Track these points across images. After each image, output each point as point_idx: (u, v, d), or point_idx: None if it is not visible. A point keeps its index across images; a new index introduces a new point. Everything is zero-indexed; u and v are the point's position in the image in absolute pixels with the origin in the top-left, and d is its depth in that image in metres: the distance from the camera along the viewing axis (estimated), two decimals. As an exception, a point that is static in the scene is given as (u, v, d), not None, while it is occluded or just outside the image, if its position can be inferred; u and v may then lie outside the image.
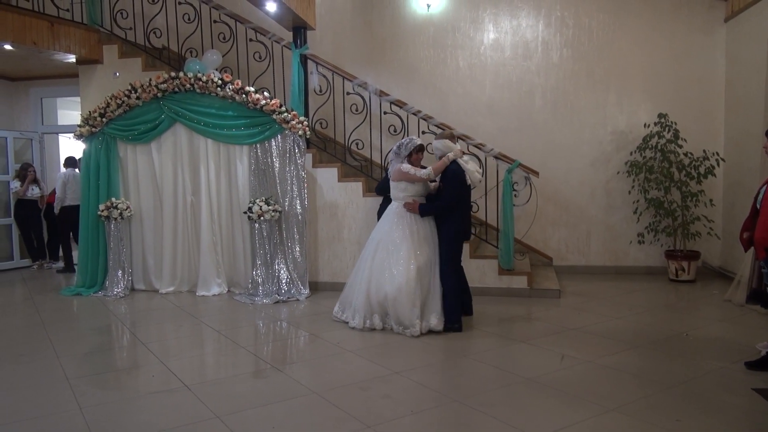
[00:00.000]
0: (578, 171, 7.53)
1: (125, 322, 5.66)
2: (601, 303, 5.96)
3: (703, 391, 3.60)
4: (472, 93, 7.76)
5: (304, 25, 6.79)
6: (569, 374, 3.92)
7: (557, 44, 7.53)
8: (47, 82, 8.82)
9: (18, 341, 4.96)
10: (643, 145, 7.03)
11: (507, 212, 6.20)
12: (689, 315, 5.67)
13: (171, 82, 6.42)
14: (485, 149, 6.43)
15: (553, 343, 4.59)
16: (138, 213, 6.77)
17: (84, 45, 7.32)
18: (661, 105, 7.18)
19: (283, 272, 6.36)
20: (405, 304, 4.77)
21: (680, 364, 4.13)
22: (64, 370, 4.12)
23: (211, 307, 6.04)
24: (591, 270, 7.50)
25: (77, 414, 3.38)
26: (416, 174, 4.91)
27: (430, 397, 3.61)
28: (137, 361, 4.44)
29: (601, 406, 3.36)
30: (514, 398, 3.56)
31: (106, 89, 7.07)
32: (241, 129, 6.40)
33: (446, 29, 7.79)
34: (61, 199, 7.98)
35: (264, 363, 4.34)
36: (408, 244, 4.87)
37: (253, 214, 6.19)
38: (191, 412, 3.38)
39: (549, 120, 7.58)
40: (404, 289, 4.76)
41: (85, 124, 6.69)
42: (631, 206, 7.22)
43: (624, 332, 4.89)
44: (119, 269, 6.67)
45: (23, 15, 6.73)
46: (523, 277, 6.22)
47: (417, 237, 4.92)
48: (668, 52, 7.28)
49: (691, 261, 6.82)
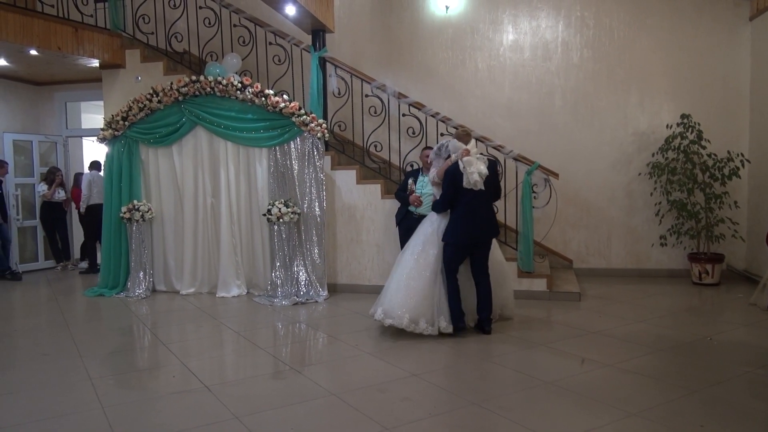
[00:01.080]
0: (599, 172, 7.44)
1: (146, 322, 5.73)
2: (622, 306, 5.88)
3: (728, 396, 3.53)
4: (491, 95, 7.72)
5: (323, 29, 6.82)
6: (590, 378, 3.87)
7: (577, 45, 7.46)
8: (71, 86, 8.98)
9: (42, 341, 5.05)
10: (665, 146, 6.93)
11: (526, 214, 6.15)
12: (713, 319, 5.57)
13: (192, 85, 6.49)
14: (504, 151, 6.39)
15: (574, 347, 4.54)
16: (159, 215, 6.86)
17: (107, 50, 7.44)
18: (684, 105, 7.07)
19: (301, 274, 6.39)
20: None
21: (704, 368, 4.05)
22: (87, 370, 4.18)
23: (231, 309, 6.09)
24: (612, 273, 7.40)
25: (99, 413, 3.43)
26: (429, 175, 5.21)
27: (449, 400, 3.59)
28: (158, 362, 4.49)
29: (623, 411, 3.31)
30: (534, 402, 3.52)
31: (128, 93, 7.19)
32: (260, 132, 6.45)
33: (465, 31, 7.77)
34: (87, 197, 8.21)
35: (283, 364, 4.36)
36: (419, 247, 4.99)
37: (272, 216, 6.23)
38: (211, 413, 3.41)
39: (569, 121, 7.51)
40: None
41: (108, 128, 6.79)
42: (653, 208, 7.12)
43: (646, 336, 4.82)
44: (141, 270, 6.76)
45: (48, 21, 6.86)
46: (543, 280, 6.16)
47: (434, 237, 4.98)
48: (691, 51, 7.17)
49: (715, 264, 6.70)
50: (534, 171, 6.20)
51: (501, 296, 5.21)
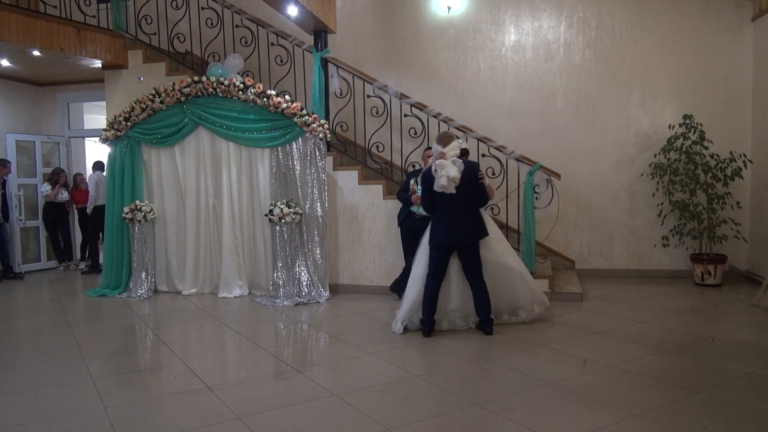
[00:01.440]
0: (601, 173, 7.43)
1: (148, 323, 5.74)
2: (624, 307, 5.87)
3: (731, 397, 3.52)
4: (493, 95, 7.72)
5: (325, 29, 6.82)
6: (592, 379, 3.87)
7: (579, 45, 7.45)
8: (74, 87, 8.99)
9: (45, 341, 5.06)
10: (667, 147, 6.92)
11: (528, 215, 6.15)
12: (715, 319, 5.56)
13: (194, 86, 6.50)
14: (506, 152, 6.38)
15: (576, 348, 4.53)
16: (161, 215, 6.87)
17: (109, 50, 7.45)
18: (686, 106, 7.06)
19: (303, 275, 6.39)
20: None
21: (706, 369, 4.04)
22: (89, 370, 4.19)
23: (233, 309, 6.09)
24: (614, 273, 7.39)
25: (101, 413, 3.43)
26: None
27: (451, 401, 3.58)
28: (160, 362, 4.50)
29: (625, 412, 3.30)
30: (536, 403, 3.52)
31: (130, 94, 7.19)
32: (262, 132, 6.45)
33: (467, 31, 7.76)
34: (94, 198, 8.30)
35: (284, 365, 4.36)
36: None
37: (274, 217, 6.23)
38: (213, 413, 3.41)
39: (571, 122, 7.50)
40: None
41: (111, 128, 6.80)
42: (655, 209, 7.10)
43: (648, 337, 4.82)
44: (143, 271, 6.77)
45: (51, 21, 6.87)
46: (545, 281, 6.14)
47: None
48: (694, 51, 7.16)
49: (718, 265, 6.69)
50: (536, 172, 6.19)
51: (514, 297, 5.13)
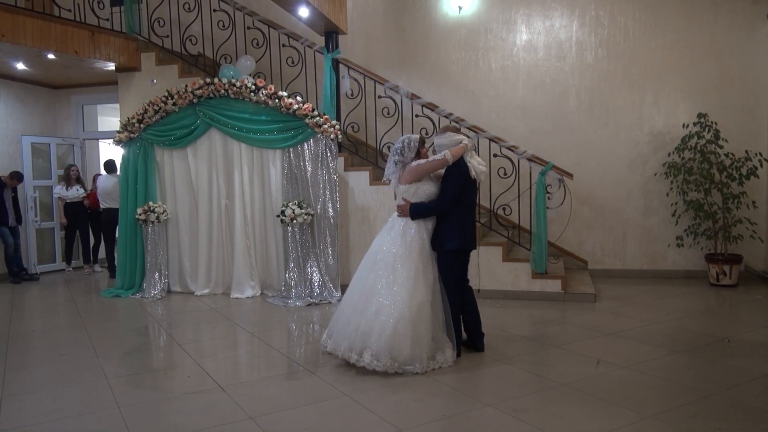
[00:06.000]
0: (614, 173, 7.38)
1: (162, 323, 5.78)
2: (638, 307, 5.82)
3: (747, 399, 3.48)
4: (505, 95, 7.69)
5: (336, 30, 6.84)
6: (605, 380, 3.84)
7: (592, 44, 7.41)
8: (88, 89, 9.09)
9: (60, 341, 5.11)
10: (681, 146, 6.85)
11: (540, 215, 6.11)
12: (731, 320, 5.50)
13: (206, 88, 6.54)
14: (518, 152, 6.35)
15: (589, 348, 4.50)
16: (174, 216, 6.91)
17: (123, 53, 7.53)
18: (700, 104, 6.99)
19: (315, 275, 6.41)
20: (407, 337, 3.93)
21: (722, 371, 4.00)
22: (104, 370, 4.23)
23: (245, 310, 6.12)
24: (627, 274, 7.33)
25: (116, 412, 3.47)
26: (434, 159, 4.16)
27: (463, 401, 3.58)
28: (173, 362, 4.54)
29: (638, 413, 3.28)
30: (548, 404, 3.50)
31: (143, 96, 7.26)
32: (274, 133, 6.48)
33: (478, 31, 7.75)
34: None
35: (297, 365, 4.37)
36: (413, 261, 4.10)
37: (285, 218, 6.26)
38: (225, 413, 3.43)
39: (583, 121, 7.46)
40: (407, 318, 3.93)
41: (124, 130, 6.87)
42: (669, 208, 7.04)
43: (662, 337, 4.77)
44: (156, 272, 6.82)
45: (66, 25, 6.95)
46: (557, 281, 6.12)
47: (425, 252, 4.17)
48: (708, 50, 7.09)
49: (733, 265, 6.61)
50: (548, 171, 6.15)
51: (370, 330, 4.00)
